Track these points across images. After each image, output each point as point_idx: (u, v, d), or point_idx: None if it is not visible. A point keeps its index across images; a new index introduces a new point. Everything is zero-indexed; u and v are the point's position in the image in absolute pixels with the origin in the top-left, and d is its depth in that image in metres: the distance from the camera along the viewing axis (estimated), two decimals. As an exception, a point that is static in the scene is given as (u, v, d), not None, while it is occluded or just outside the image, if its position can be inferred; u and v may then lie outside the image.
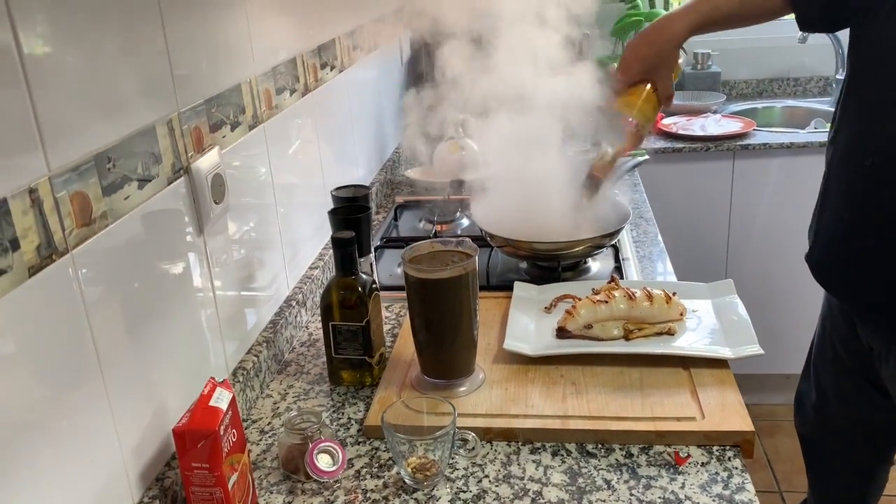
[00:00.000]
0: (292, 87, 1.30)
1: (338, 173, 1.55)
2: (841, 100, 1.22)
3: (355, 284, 1.05)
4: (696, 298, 1.20)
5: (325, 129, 1.49)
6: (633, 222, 1.65)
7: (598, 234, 1.36)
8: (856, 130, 1.17)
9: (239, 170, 1.08)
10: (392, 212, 1.76)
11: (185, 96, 0.92)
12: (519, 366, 1.08)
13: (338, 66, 1.57)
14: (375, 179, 1.87)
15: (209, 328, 0.98)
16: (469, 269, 0.99)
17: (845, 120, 1.20)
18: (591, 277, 1.39)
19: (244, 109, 1.10)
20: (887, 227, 1.13)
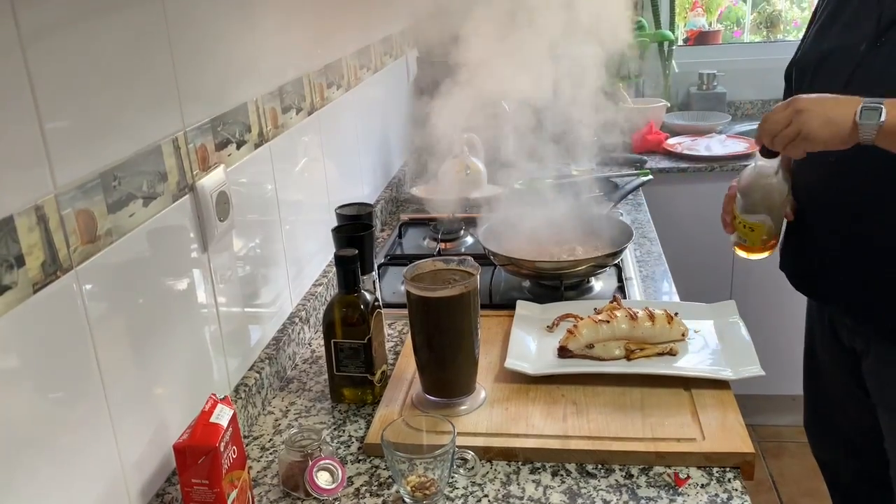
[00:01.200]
0: (298, 106, 1.32)
1: (343, 191, 1.56)
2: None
3: (357, 302, 1.06)
4: (698, 319, 1.20)
5: (331, 147, 1.51)
6: (637, 242, 1.66)
7: (601, 254, 1.36)
8: None
9: (244, 187, 1.09)
10: (396, 229, 1.76)
11: (191, 115, 0.94)
12: (520, 385, 1.08)
13: (344, 85, 1.59)
14: (381, 197, 1.88)
15: (212, 344, 0.99)
16: (471, 288, 0.99)
17: None
18: (593, 297, 1.39)
19: (250, 128, 1.11)
20: (854, 222, 1.14)
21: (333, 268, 1.36)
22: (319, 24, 1.44)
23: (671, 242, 2.37)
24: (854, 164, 1.09)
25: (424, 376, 1.04)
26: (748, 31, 2.95)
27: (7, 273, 0.62)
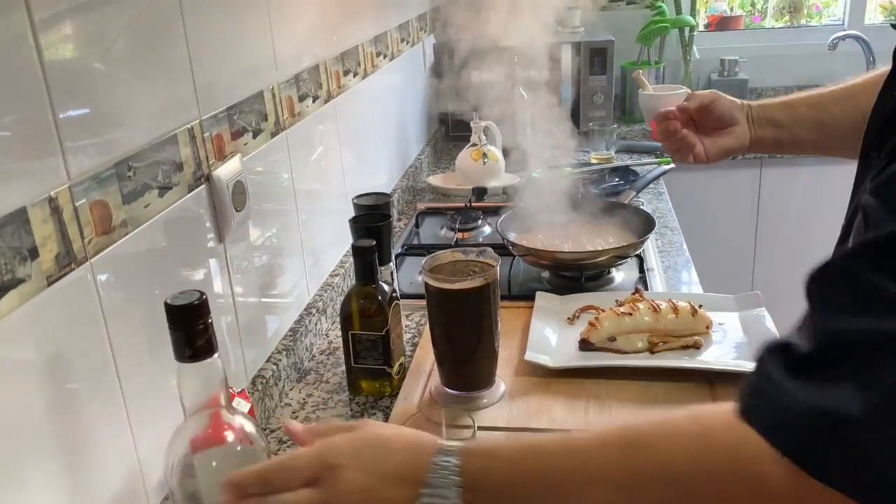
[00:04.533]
0: (315, 94, 1.30)
1: (360, 180, 1.54)
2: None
3: (375, 294, 1.04)
4: (722, 311, 1.18)
5: (348, 135, 1.49)
6: (658, 232, 1.63)
7: (622, 244, 1.34)
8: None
9: (261, 176, 1.08)
10: (413, 219, 1.75)
11: (207, 104, 0.92)
12: (540, 378, 1.06)
13: (360, 72, 1.57)
14: (397, 186, 1.86)
15: (229, 336, 0.98)
16: (490, 280, 0.97)
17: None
18: (614, 288, 1.37)
19: (266, 117, 1.10)
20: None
21: (350, 258, 1.35)
22: (335, 11, 1.42)
23: (692, 231, 2.34)
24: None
25: (443, 369, 1.02)
26: (770, 17, 2.89)
27: (21, 265, 0.61)
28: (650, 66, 2.56)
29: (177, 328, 0.61)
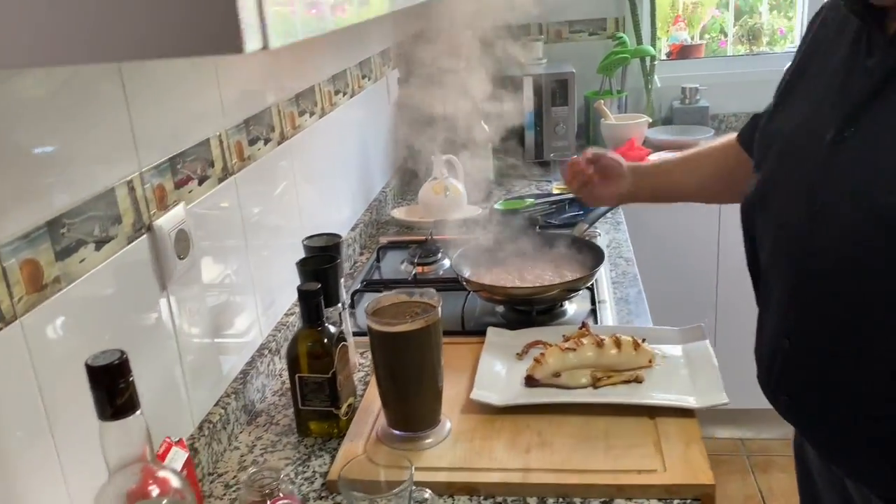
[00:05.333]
0: (267, 137, 1.32)
1: (319, 216, 1.56)
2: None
3: (321, 336, 1.06)
4: (666, 344, 1.20)
5: (305, 173, 1.51)
6: (613, 262, 1.66)
7: (572, 278, 1.36)
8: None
9: (209, 222, 1.09)
10: (375, 253, 1.77)
11: (147, 156, 0.94)
12: (487, 416, 1.08)
13: (318, 111, 1.60)
14: (360, 220, 1.88)
15: (174, 383, 0.99)
16: (431, 322, 0.99)
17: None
18: (566, 321, 1.39)
19: (213, 163, 1.12)
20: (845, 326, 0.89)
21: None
22: (287, 55, 1.45)
23: (654, 261, 2.38)
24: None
25: (388, 410, 1.04)
26: (731, 44, 2.96)
27: (-56, 329, 0.62)
28: (612, 96, 2.61)
29: (98, 388, 0.62)
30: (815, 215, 0.90)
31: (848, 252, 0.86)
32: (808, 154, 0.92)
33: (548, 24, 2.76)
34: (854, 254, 0.86)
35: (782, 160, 0.99)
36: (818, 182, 0.89)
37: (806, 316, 0.94)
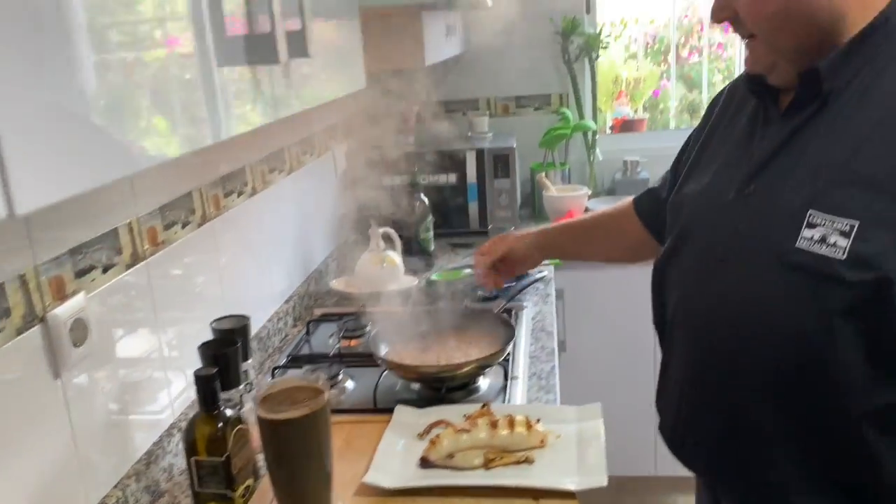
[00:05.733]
0: (185, 220, 1.37)
1: (245, 293, 1.60)
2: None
3: (216, 420, 1.09)
4: (563, 423, 1.24)
5: (231, 252, 1.55)
6: (535, 336, 1.70)
7: (482, 356, 1.41)
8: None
9: (114, 307, 1.13)
10: (305, 326, 1.80)
11: (44, 249, 0.98)
12: (380, 498, 1.11)
13: (247, 191, 1.65)
14: (296, 292, 1.92)
15: (66, 469, 1.01)
16: (317, 408, 1.03)
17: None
18: (478, 398, 1.43)
19: (121, 250, 1.16)
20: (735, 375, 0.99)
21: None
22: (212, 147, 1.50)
23: (590, 329, 2.43)
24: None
25: (278, 495, 1.06)
26: (673, 118, 3.08)
27: None
28: (556, 168, 2.70)
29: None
30: (719, 264, 1.01)
31: (750, 296, 0.96)
32: (714, 211, 1.03)
33: (495, 98, 2.86)
34: (756, 297, 0.95)
35: (691, 219, 1.10)
36: (722, 234, 1.01)
37: (708, 362, 1.03)
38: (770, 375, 0.95)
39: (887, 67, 0.92)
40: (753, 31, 0.98)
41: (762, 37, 0.98)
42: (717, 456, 1.04)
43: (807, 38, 0.94)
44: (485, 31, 2.78)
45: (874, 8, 0.92)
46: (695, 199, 1.10)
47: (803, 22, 0.93)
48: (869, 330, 0.88)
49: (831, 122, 0.94)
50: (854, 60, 0.93)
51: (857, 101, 0.92)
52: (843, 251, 0.87)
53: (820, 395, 0.92)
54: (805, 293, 0.91)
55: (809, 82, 0.95)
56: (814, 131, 0.95)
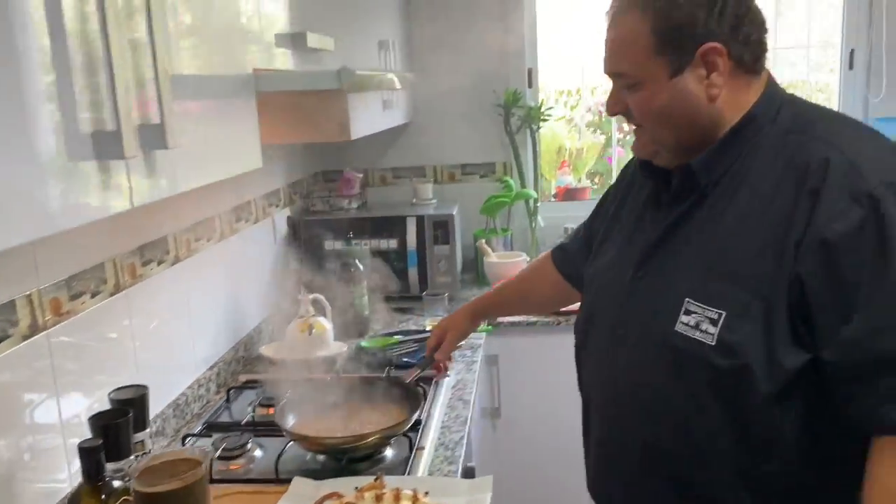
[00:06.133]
0: (96, 290, 1.40)
1: (165, 357, 1.62)
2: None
3: (100, 493, 1.10)
4: (452, 496, 1.26)
5: (147, 319, 1.57)
6: (451, 405, 1.73)
7: (382, 428, 1.42)
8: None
9: (9, 379, 1.15)
10: (225, 394, 1.81)
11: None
12: (261, 571, 1.11)
13: (168, 260, 1.69)
14: (222, 358, 1.93)
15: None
16: (193, 480, 1.04)
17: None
18: (382, 469, 1.44)
19: (17, 322, 1.19)
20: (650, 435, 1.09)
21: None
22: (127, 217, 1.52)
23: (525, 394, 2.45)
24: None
25: (153, 568, 1.07)
26: (615, 186, 3.16)
27: None
28: (497, 234, 2.76)
29: None
30: (616, 341, 1.13)
31: (639, 371, 1.08)
32: (614, 290, 1.15)
33: (442, 166, 2.94)
34: (644, 373, 1.08)
35: (598, 294, 1.22)
36: (619, 314, 1.13)
37: (612, 431, 1.16)
38: (657, 445, 1.07)
39: (753, 164, 1.02)
40: (641, 123, 1.09)
41: (647, 130, 1.09)
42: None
43: (687, 135, 1.06)
44: (431, 102, 2.88)
45: (742, 109, 1.04)
46: (603, 274, 1.22)
47: (684, 121, 1.04)
48: (733, 409, 0.99)
49: (708, 214, 1.04)
50: (725, 157, 1.04)
51: (729, 196, 1.03)
52: (712, 337, 0.98)
53: (697, 464, 1.04)
54: (681, 372, 1.02)
55: (686, 177, 1.06)
56: (694, 222, 1.06)
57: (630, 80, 1.04)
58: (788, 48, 3.00)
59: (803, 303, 0.94)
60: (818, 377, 0.96)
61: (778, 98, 1.06)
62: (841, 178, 0.93)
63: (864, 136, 1.03)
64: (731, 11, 0.99)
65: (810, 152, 0.97)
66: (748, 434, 1.00)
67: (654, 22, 0.99)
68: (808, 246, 0.93)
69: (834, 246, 0.92)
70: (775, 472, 1.00)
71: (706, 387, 1.00)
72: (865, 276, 0.91)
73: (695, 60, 1.00)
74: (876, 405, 0.92)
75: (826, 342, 0.94)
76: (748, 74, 1.03)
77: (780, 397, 0.97)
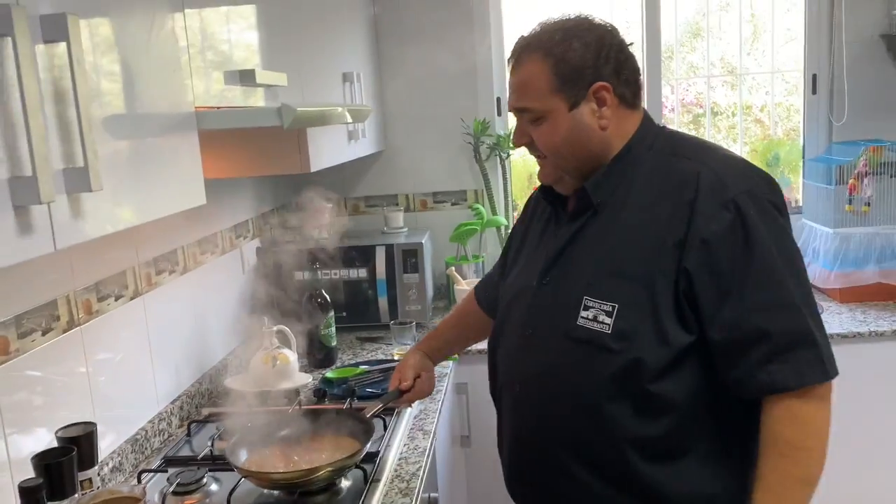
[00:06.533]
0: (47, 327, 1.40)
1: (123, 393, 1.61)
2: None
3: (39, 533, 1.09)
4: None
5: (105, 355, 1.56)
6: (411, 436, 1.73)
7: (330, 462, 1.42)
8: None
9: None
10: (186, 428, 1.81)
11: None
12: None
13: (128, 294, 1.69)
14: (185, 392, 1.93)
15: None
16: (129, 520, 1.04)
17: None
18: (337, 502, 1.44)
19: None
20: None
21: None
22: (82, 249, 1.53)
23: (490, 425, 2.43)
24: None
25: None
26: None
27: None
28: (469, 262, 2.77)
29: None
30: (528, 339, 1.29)
31: (548, 364, 1.25)
32: (523, 298, 1.32)
33: (414, 194, 2.96)
34: (552, 364, 1.24)
35: (509, 305, 1.38)
36: (527, 316, 1.30)
37: (528, 418, 1.30)
38: (567, 426, 1.23)
39: (636, 183, 1.22)
40: (544, 154, 1.26)
41: (550, 159, 1.26)
42: (539, 497, 1.30)
43: (584, 161, 1.24)
44: (402, 131, 2.91)
45: (625, 138, 1.24)
46: (512, 284, 1.39)
47: (581, 148, 1.23)
48: (631, 384, 1.17)
49: (601, 226, 1.23)
50: (612, 178, 1.23)
51: (618, 211, 1.22)
52: (608, 326, 1.17)
53: (600, 440, 1.20)
54: (585, 359, 1.20)
55: (581, 197, 1.25)
56: (589, 234, 1.24)
57: (534, 114, 1.22)
58: (761, 73, 3.05)
59: (690, 292, 1.14)
60: (706, 353, 1.15)
61: (653, 129, 1.27)
62: (710, 188, 1.14)
63: (723, 155, 1.23)
64: (614, 57, 1.19)
65: (683, 169, 1.18)
66: (648, 406, 1.17)
67: (554, 65, 1.18)
68: (691, 244, 1.13)
69: (711, 243, 1.12)
70: (669, 436, 1.17)
71: (606, 369, 1.17)
72: (737, 265, 1.12)
73: (588, 96, 1.19)
74: (753, 372, 1.12)
75: (710, 322, 1.13)
76: (629, 109, 1.23)
77: (669, 370, 1.15)
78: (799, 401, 1.12)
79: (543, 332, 1.26)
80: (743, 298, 1.12)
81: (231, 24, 1.47)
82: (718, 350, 1.15)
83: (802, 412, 1.12)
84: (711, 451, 1.20)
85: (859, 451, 2.33)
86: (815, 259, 2.67)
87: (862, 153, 2.56)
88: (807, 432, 1.13)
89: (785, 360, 1.11)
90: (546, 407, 1.26)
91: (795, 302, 1.12)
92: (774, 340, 1.11)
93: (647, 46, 2.83)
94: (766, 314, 1.12)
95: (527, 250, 1.40)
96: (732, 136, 3.17)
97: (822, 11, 2.75)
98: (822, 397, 1.13)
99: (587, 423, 1.20)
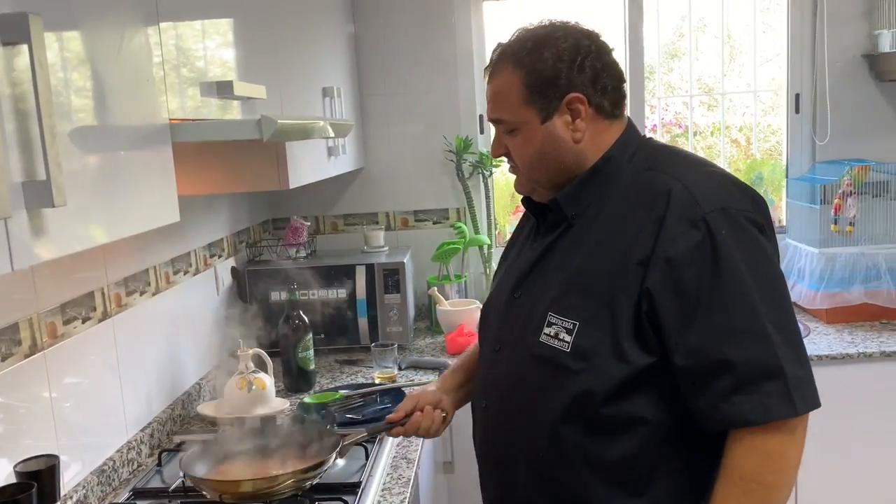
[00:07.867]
0: (8, 352, 1.31)
1: (89, 421, 1.53)
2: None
3: (-8, 578, 1.01)
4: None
5: (71, 381, 1.49)
6: (394, 464, 1.65)
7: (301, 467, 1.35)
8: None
9: None
10: (157, 457, 1.72)
11: None
12: None
13: (96, 316, 1.60)
14: (156, 419, 1.84)
15: None
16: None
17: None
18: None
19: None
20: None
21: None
22: (48, 268, 1.45)
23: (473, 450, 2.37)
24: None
25: None
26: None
27: None
28: (451, 281, 2.71)
29: None
30: (498, 354, 1.25)
31: (514, 378, 1.21)
32: (497, 311, 1.29)
33: (395, 212, 2.90)
34: (517, 379, 1.20)
35: (486, 317, 1.35)
36: (499, 329, 1.26)
37: (491, 435, 1.27)
38: (526, 446, 1.19)
39: (609, 195, 1.17)
40: (518, 164, 1.23)
41: (524, 170, 1.23)
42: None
43: (556, 173, 1.20)
44: (383, 148, 2.85)
45: (602, 150, 1.19)
46: (492, 300, 1.35)
47: (553, 161, 1.19)
48: (588, 408, 1.12)
49: (572, 240, 1.18)
50: (587, 191, 1.18)
51: (590, 224, 1.17)
52: (568, 345, 1.12)
53: (560, 463, 1.15)
54: (544, 378, 1.15)
55: (555, 209, 1.21)
56: (561, 247, 1.19)
57: (508, 126, 1.18)
58: (738, 92, 3.05)
59: (653, 313, 1.08)
60: (669, 377, 1.09)
61: (635, 141, 1.21)
62: (681, 205, 1.08)
63: (702, 170, 1.17)
64: (590, 66, 1.14)
65: (657, 183, 1.13)
66: (602, 429, 1.12)
67: (525, 76, 1.14)
68: (656, 263, 1.07)
69: (677, 263, 1.06)
70: (627, 461, 1.12)
71: (563, 389, 1.13)
72: (703, 288, 1.06)
73: (561, 108, 1.14)
74: (716, 403, 1.05)
75: (674, 347, 1.07)
76: (608, 119, 1.18)
77: (627, 392, 1.10)
78: (764, 435, 1.05)
79: (510, 347, 1.22)
80: (707, 324, 1.05)
81: (207, 39, 1.41)
82: (683, 377, 1.08)
83: (767, 446, 1.05)
84: (679, 483, 1.13)
85: (848, 473, 2.29)
86: (800, 279, 2.65)
87: (846, 172, 2.55)
88: (768, 467, 1.05)
89: (749, 391, 1.03)
90: (507, 425, 1.23)
91: (765, 329, 1.04)
92: (739, 371, 1.03)
93: (630, 67, 2.81)
94: (731, 341, 1.04)
95: (508, 262, 1.36)
96: (711, 157, 3.15)
97: (804, 31, 2.75)
98: (792, 431, 1.05)
99: (544, 444, 1.16)
